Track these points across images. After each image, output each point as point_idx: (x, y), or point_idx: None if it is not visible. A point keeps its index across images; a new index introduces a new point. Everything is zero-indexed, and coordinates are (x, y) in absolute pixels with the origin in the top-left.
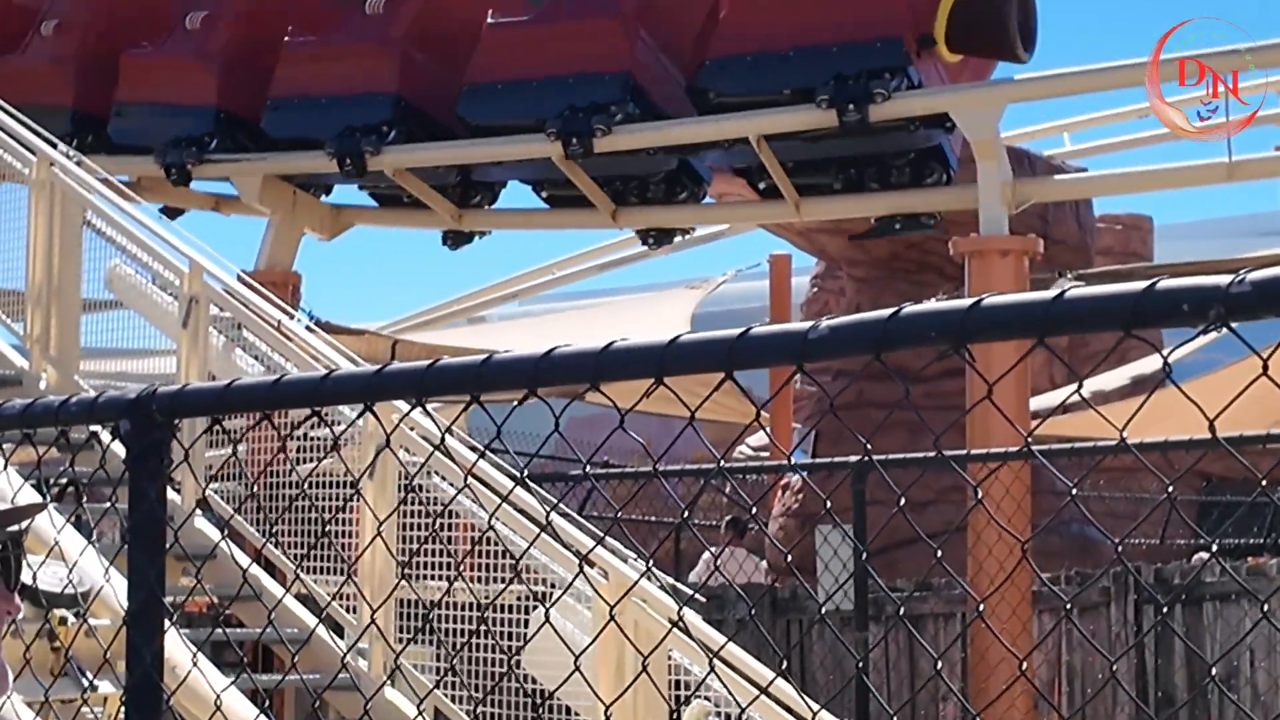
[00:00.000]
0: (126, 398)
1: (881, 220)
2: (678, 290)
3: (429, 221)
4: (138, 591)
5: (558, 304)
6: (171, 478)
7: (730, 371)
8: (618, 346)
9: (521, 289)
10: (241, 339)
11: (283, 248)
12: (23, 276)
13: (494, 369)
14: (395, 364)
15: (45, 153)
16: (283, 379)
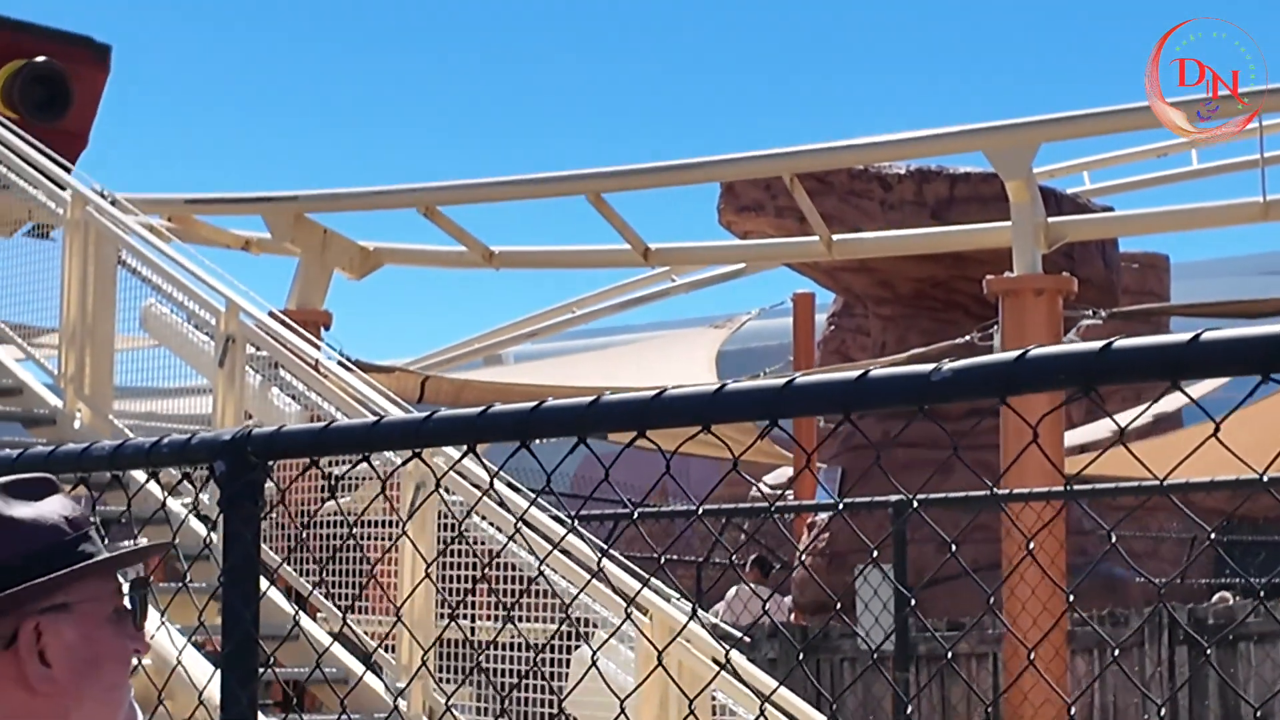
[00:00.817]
0: (221, 438)
1: None
2: (701, 328)
3: (459, 261)
4: (232, 635)
5: (577, 342)
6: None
7: (849, 414)
8: (731, 388)
9: (542, 327)
10: (278, 378)
11: (313, 287)
12: (57, 316)
13: (602, 410)
14: (497, 405)
15: (80, 193)
16: (383, 420)
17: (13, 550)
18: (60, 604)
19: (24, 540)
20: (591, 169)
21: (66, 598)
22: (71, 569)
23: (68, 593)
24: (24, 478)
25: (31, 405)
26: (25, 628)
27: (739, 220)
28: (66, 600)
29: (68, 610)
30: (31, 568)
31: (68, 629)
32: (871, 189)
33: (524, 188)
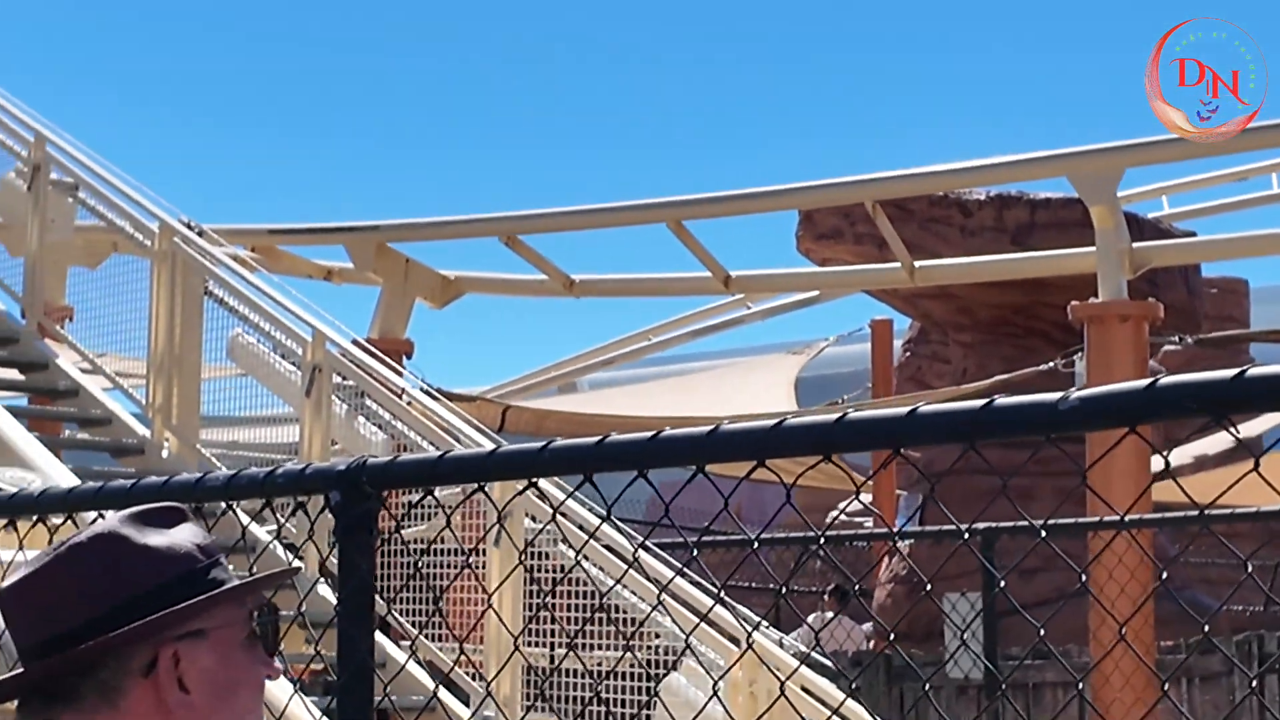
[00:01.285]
0: (336, 469)
1: None
2: (779, 355)
3: (540, 289)
4: (348, 664)
5: (651, 369)
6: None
7: (973, 443)
8: (852, 417)
9: (619, 355)
10: (364, 406)
11: (395, 315)
12: (144, 346)
13: (720, 439)
14: (614, 436)
15: (167, 224)
16: (498, 450)
17: (149, 578)
18: (197, 630)
19: (159, 568)
20: (672, 197)
21: (202, 624)
22: (210, 594)
23: (203, 619)
24: (155, 507)
25: (120, 435)
26: (164, 654)
27: (817, 247)
28: (203, 627)
29: (204, 637)
30: (167, 595)
31: (205, 655)
32: (951, 215)
33: (604, 216)
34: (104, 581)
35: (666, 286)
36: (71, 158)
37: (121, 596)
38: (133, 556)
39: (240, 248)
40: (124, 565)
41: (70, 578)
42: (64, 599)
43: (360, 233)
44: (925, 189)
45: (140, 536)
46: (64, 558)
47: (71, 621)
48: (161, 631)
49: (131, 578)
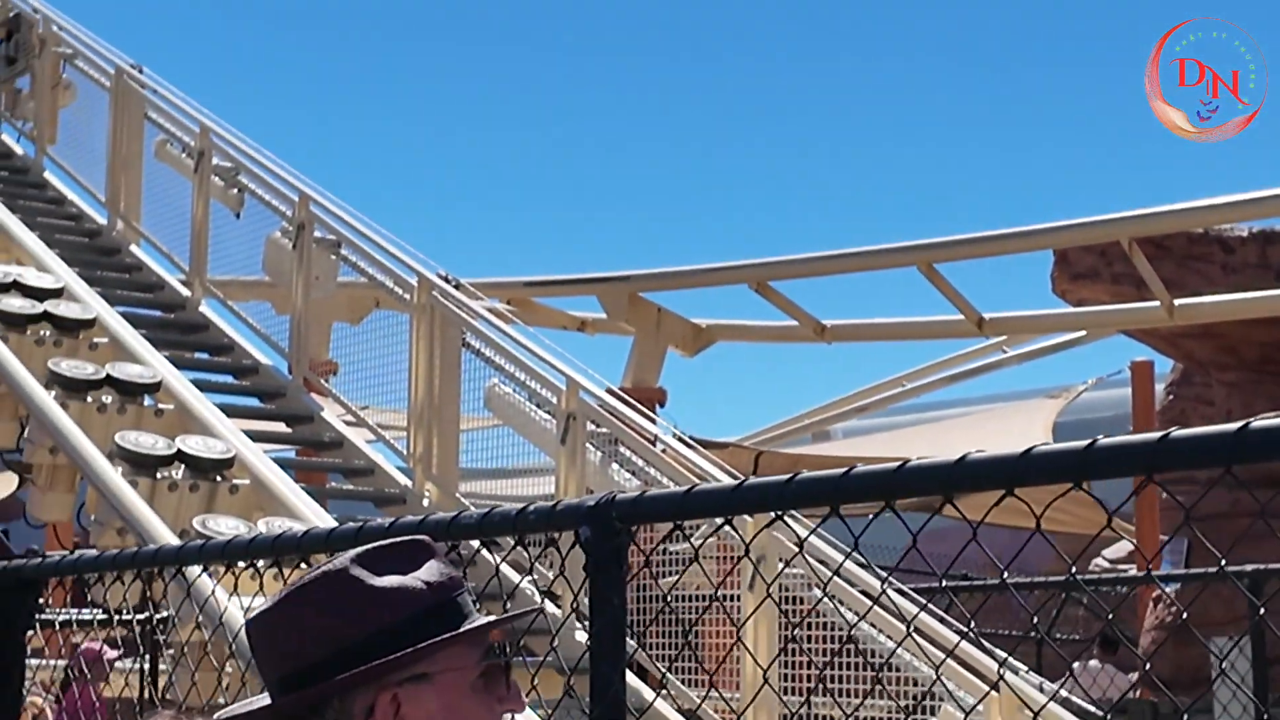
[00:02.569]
0: (586, 504)
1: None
2: (1036, 400)
3: (791, 335)
4: (601, 699)
5: (906, 416)
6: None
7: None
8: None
9: (872, 401)
10: (617, 454)
11: (647, 364)
12: (405, 398)
13: (966, 469)
14: (860, 466)
15: (425, 278)
16: (744, 483)
17: (373, 621)
18: (420, 674)
19: (386, 611)
20: (923, 240)
21: (428, 668)
22: (429, 642)
23: (429, 663)
24: (395, 543)
25: (383, 485)
26: (382, 700)
27: (1073, 288)
28: (428, 670)
29: (429, 680)
30: (394, 638)
31: (429, 699)
32: (1212, 252)
33: (855, 260)
34: (329, 623)
35: (918, 330)
36: (334, 215)
37: (347, 639)
38: (359, 598)
39: (496, 300)
40: (349, 607)
41: (298, 617)
42: (292, 638)
43: (612, 283)
44: (1184, 225)
45: (370, 577)
46: (293, 598)
47: (300, 661)
48: (384, 676)
49: (357, 620)
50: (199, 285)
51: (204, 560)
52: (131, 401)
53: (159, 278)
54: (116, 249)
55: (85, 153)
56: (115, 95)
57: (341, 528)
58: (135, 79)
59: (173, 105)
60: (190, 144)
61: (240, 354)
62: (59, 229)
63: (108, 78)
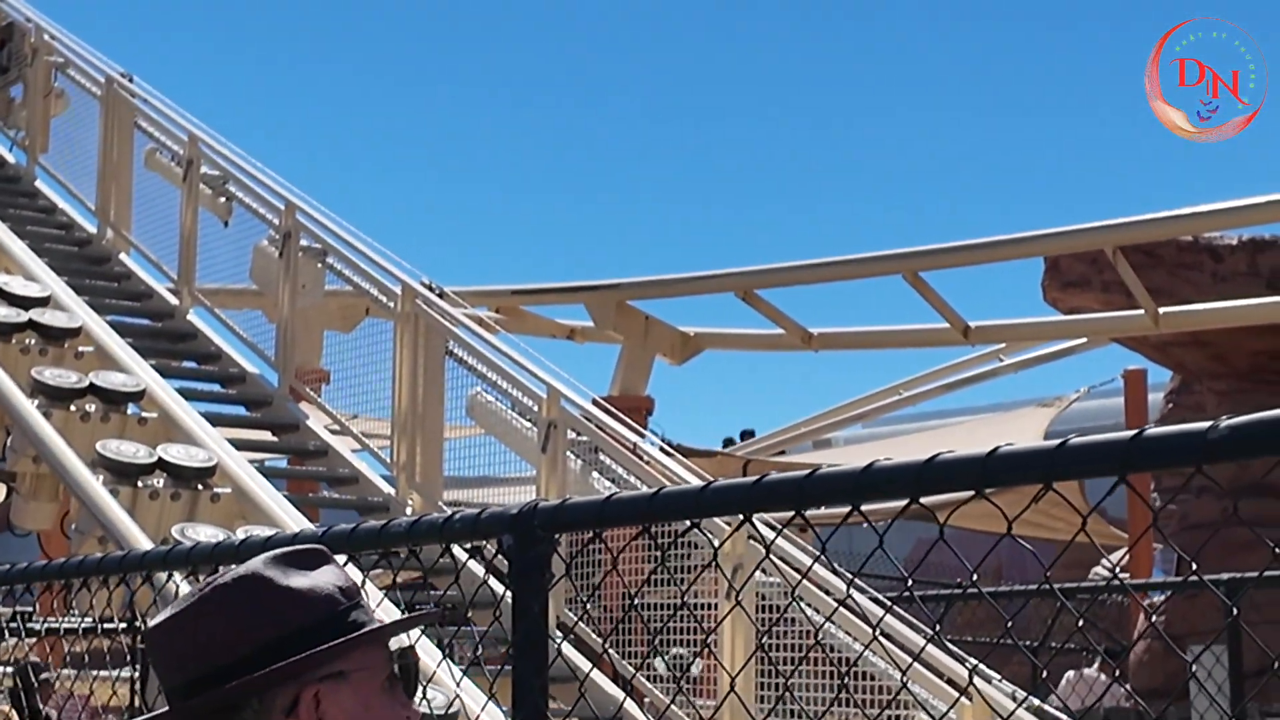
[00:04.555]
0: (509, 512)
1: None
2: (1028, 409)
3: (778, 344)
4: (523, 707)
5: (905, 425)
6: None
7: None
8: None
9: (867, 410)
10: (598, 462)
11: (635, 373)
12: (388, 406)
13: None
14: (824, 468)
15: (410, 286)
16: (661, 491)
17: (292, 620)
18: (338, 672)
19: (303, 610)
20: (909, 248)
21: (344, 666)
22: (351, 636)
23: (345, 661)
24: (298, 549)
25: (366, 493)
26: (305, 696)
27: (1064, 296)
28: (344, 669)
29: (345, 679)
30: (310, 637)
31: (346, 697)
32: (1201, 260)
33: (841, 268)
34: (249, 623)
35: (905, 338)
36: (319, 224)
37: (266, 638)
38: (277, 598)
39: (485, 308)
40: (268, 607)
41: (215, 619)
42: (209, 640)
43: (600, 291)
44: (1174, 233)
45: (284, 578)
46: (209, 599)
47: (216, 662)
48: (302, 674)
49: (276, 619)
50: (187, 294)
51: (169, 567)
52: (115, 410)
53: (148, 286)
54: (106, 257)
55: (76, 161)
56: (106, 104)
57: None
58: (125, 88)
59: (162, 114)
60: (179, 153)
61: (227, 362)
62: (49, 238)
63: (99, 86)
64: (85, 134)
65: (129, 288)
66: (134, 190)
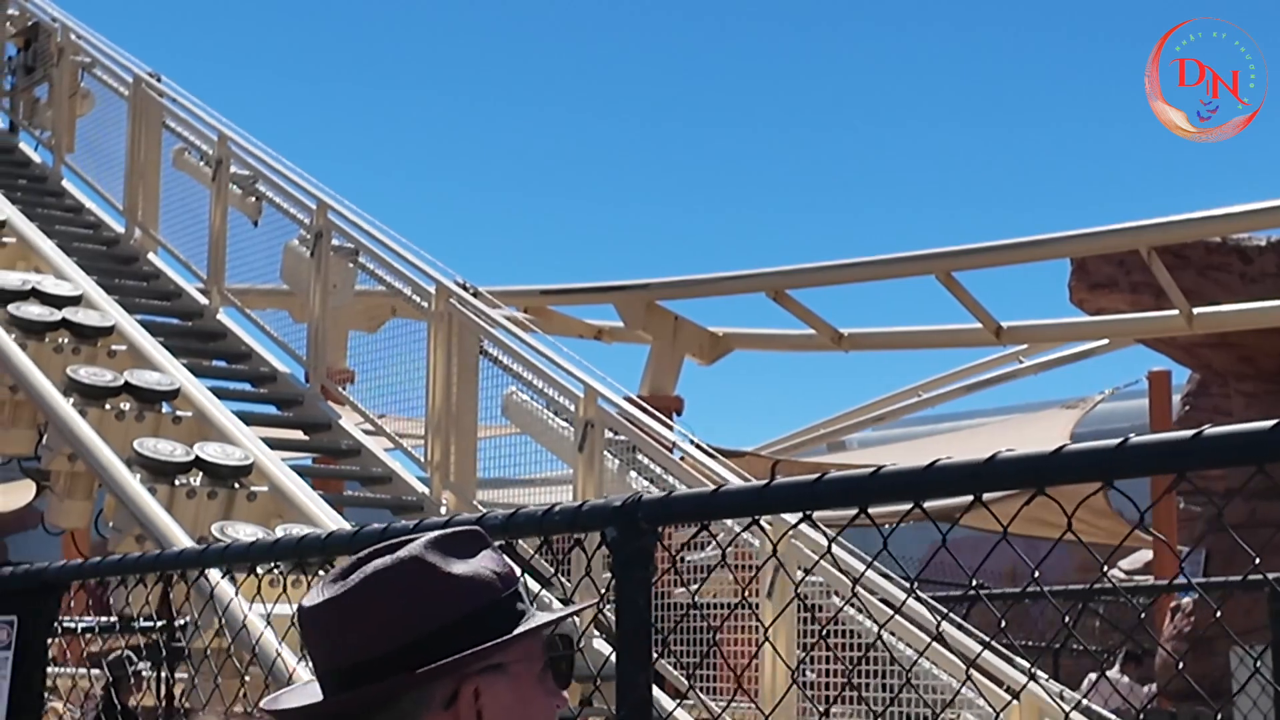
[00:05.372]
0: (612, 504)
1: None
2: (1053, 410)
3: (808, 344)
4: (627, 700)
5: (923, 427)
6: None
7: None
8: (1135, 441)
9: (888, 411)
10: (635, 462)
11: (664, 373)
12: (422, 406)
13: (999, 467)
14: (889, 466)
15: (444, 286)
16: (772, 483)
17: (455, 608)
18: (497, 664)
19: (464, 598)
20: (941, 248)
21: (503, 658)
22: (526, 629)
23: (504, 653)
24: (455, 532)
25: (400, 492)
26: (466, 689)
27: (1091, 297)
28: (503, 661)
29: (503, 671)
30: (473, 626)
31: (504, 690)
32: (1230, 262)
33: (873, 269)
34: (411, 610)
35: (937, 339)
36: (351, 223)
37: (429, 627)
38: (440, 585)
39: (513, 308)
40: (430, 594)
41: (377, 605)
42: (370, 626)
43: (630, 291)
44: (1202, 234)
45: (445, 565)
46: (370, 583)
47: (376, 650)
48: (465, 666)
49: (439, 608)
50: (217, 293)
51: (226, 562)
52: (149, 409)
53: (177, 286)
54: (134, 257)
55: (103, 161)
56: (133, 104)
57: (368, 529)
58: (154, 87)
59: (191, 114)
60: (208, 152)
61: (258, 362)
62: (77, 237)
63: (126, 86)
64: (112, 133)
65: (158, 287)
66: (162, 190)
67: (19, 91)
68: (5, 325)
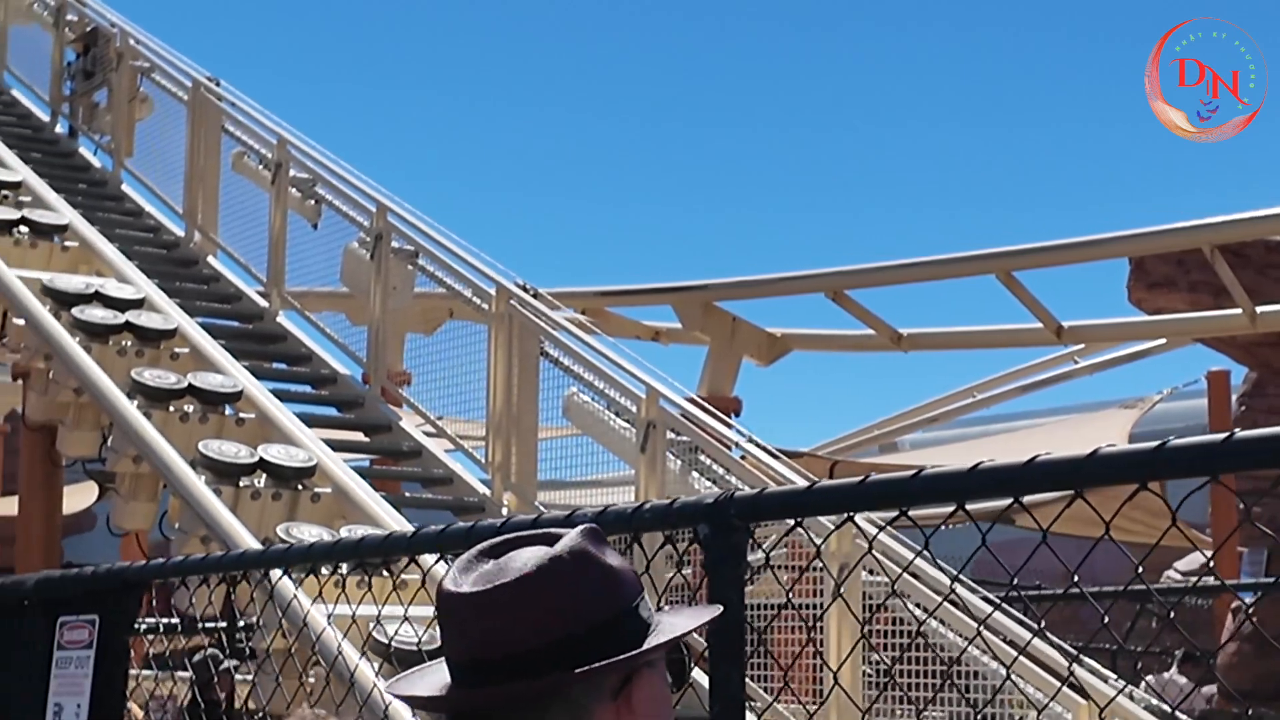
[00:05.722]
0: (704, 501)
1: None
2: (1110, 411)
3: (867, 344)
4: (720, 698)
5: (975, 428)
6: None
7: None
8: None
9: (943, 412)
10: (697, 462)
11: (722, 374)
12: (482, 408)
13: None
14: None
15: (504, 287)
16: (868, 480)
17: (620, 601)
18: (653, 659)
19: (625, 591)
20: (1001, 248)
21: (655, 654)
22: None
23: (656, 649)
24: (592, 527)
25: (461, 494)
26: (638, 682)
27: (1149, 297)
28: (654, 656)
29: (654, 667)
30: (629, 619)
31: (652, 684)
32: None
33: (932, 268)
34: (587, 600)
35: (997, 338)
36: (411, 225)
37: (601, 617)
38: (607, 577)
39: (570, 310)
40: (603, 585)
41: (546, 594)
42: (539, 615)
43: (687, 292)
44: (1261, 233)
45: (604, 557)
46: (546, 571)
47: (543, 638)
48: (641, 657)
49: (610, 599)
50: (277, 296)
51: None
52: (213, 411)
53: (237, 288)
54: (194, 260)
55: (162, 165)
56: (192, 108)
57: (455, 526)
58: (212, 91)
59: (250, 118)
60: (268, 156)
61: (318, 364)
62: (137, 240)
63: (185, 91)
64: (171, 138)
65: (218, 290)
66: (221, 193)
67: (78, 96)
68: (69, 328)
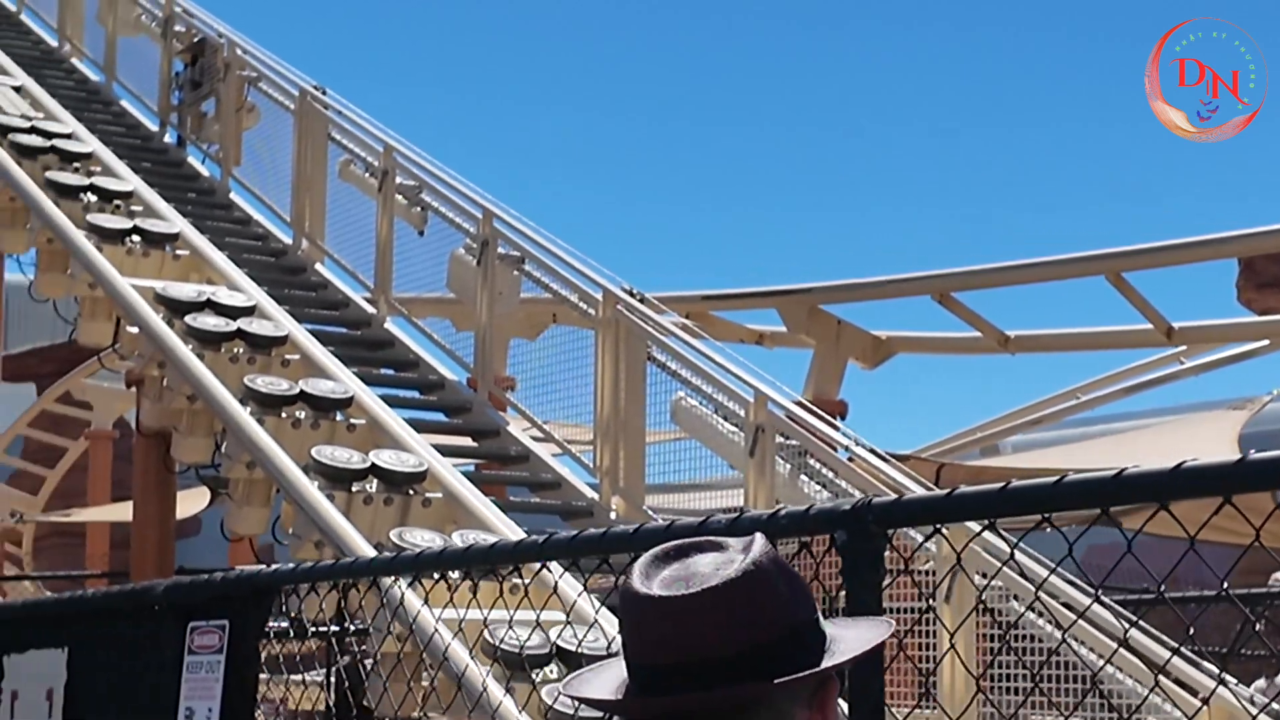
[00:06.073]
0: (841, 508)
1: None
2: (1219, 411)
3: (973, 347)
4: (860, 707)
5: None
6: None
7: None
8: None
9: (1046, 414)
10: (806, 466)
11: (828, 377)
12: (588, 412)
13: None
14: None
15: (611, 292)
16: (1009, 485)
17: (810, 606)
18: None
19: (808, 599)
20: (1110, 249)
21: (850, 663)
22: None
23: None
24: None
25: (569, 498)
26: (831, 689)
27: (1259, 296)
28: (846, 665)
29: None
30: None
31: (838, 690)
32: None
33: (1041, 270)
34: (778, 607)
35: (1106, 340)
36: (518, 231)
37: (801, 619)
38: (796, 585)
39: (674, 314)
40: (792, 593)
41: (751, 599)
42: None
43: (792, 295)
44: None
45: (791, 566)
46: (749, 577)
47: (743, 645)
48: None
49: (806, 603)
50: (384, 302)
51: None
52: (324, 417)
53: (344, 295)
54: (302, 268)
55: (269, 174)
56: (299, 117)
57: (586, 534)
58: (319, 100)
59: (356, 125)
60: (374, 164)
61: (426, 369)
62: (246, 249)
63: (291, 100)
64: (278, 147)
65: (326, 297)
66: (328, 201)
67: (186, 106)
68: (183, 336)
